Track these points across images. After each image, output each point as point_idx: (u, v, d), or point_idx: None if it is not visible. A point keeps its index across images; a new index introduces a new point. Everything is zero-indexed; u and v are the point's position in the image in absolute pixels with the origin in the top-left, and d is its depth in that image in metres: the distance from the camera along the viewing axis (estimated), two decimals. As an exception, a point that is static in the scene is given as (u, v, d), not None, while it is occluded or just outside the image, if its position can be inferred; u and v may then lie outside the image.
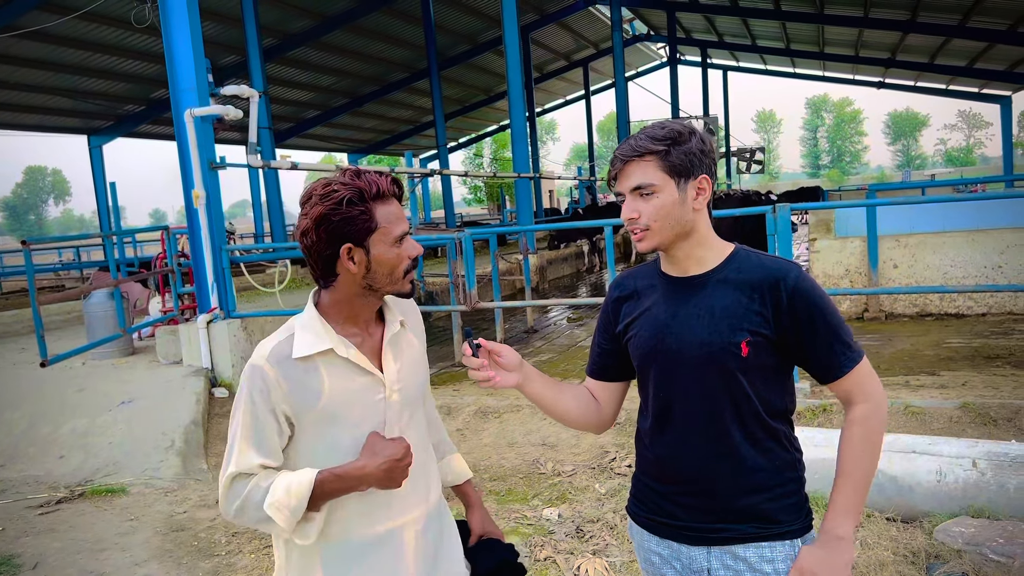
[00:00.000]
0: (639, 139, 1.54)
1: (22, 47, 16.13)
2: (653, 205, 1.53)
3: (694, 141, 1.54)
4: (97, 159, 22.78)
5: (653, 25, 30.02)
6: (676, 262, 1.62)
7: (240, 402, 1.53)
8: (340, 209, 1.47)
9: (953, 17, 18.38)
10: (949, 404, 4.86)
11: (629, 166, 1.55)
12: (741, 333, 1.51)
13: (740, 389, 1.53)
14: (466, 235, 7.41)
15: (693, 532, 1.59)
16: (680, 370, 1.56)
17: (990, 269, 8.00)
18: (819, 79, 33.57)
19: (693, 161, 1.53)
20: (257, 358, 1.52)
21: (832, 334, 1.52)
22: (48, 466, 5.81)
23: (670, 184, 1.53)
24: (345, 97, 26.73)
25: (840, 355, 1.52)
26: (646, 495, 1.69)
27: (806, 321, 1.51)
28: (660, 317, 1.60)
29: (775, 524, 1.55)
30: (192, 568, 4.07)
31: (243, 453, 1.51)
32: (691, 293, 1.58)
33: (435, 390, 6.81)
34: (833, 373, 1.53)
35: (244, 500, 1.49)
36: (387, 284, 1.55)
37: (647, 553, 1.70)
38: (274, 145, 16.67)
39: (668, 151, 1.51)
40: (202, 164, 7.09)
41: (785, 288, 1.51)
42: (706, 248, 1.59)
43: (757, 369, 1.52)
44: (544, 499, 4.46)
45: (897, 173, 64.42)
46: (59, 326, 11.20)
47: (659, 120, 1.63)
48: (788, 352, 1.54)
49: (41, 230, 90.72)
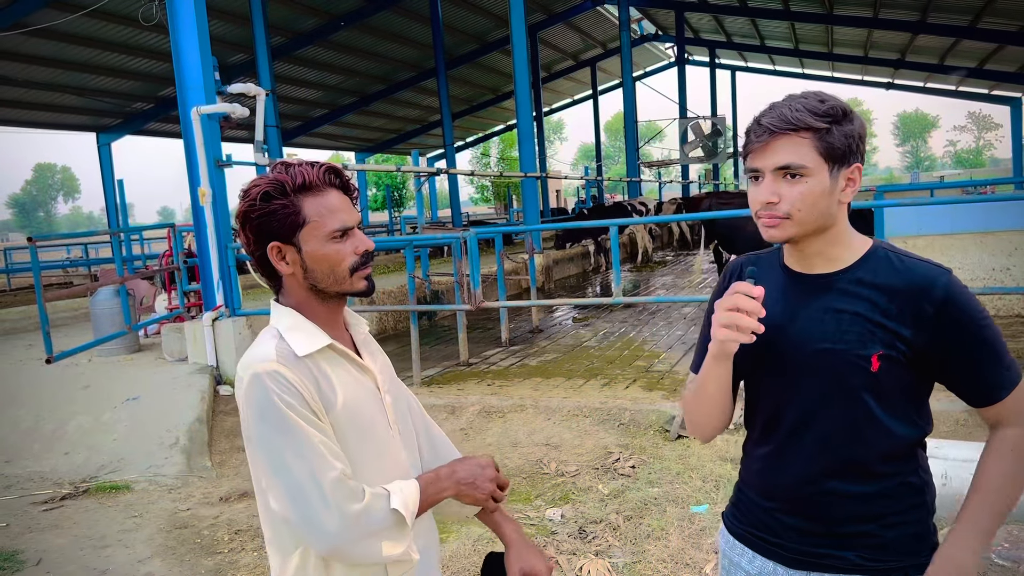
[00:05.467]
0: (795, 109, 1.30)
1: (31, 45, 16.18)
2: (799, 191, 1.30)
3: (857, 123, 1.32)
4: (106, 157, 22.85)
5: (661, 25, 29.95)
6: (805, 257, 1.41)
7: (270, 416, 1.30)
8: (257, 205, 1.36)
9: (963, 18, 18.29)
10: (956, 407, 4.83)
11: (778, 140, 1.30)
12: (873, 345, 1.31)
13: (864, 407, 1.34)
14: (471, 234, 7.40)
15: (791, 554, 1.43)
16: (794, 378, 1.38)
17: (998, 271, 7.95)
18: (828, 80, 33.41)
19: (852, 146, 1.31)
20: (262, 364, 1.33)
21: (988, 351, 1.31)
22: (53, 462, 5.83)
23: (823, 169, 1.30)
24: (353, 96, 26.75)
25: (998, 376, 1.32)
26: (747, 506, 1.53)
27: (956, 337, 1.30)
28: (776, 317, 1.38)
29: (888, 556, 1.37)
30: (195, 565, 4.08)
31: (322, 460, 1.30)
32: (816, 294, 1.39)
33: (439, 389, 6.81)
34: (989, 396, 1.33)
35: (366, 508, 1.32)
36: (332, 284, 1.41)
37: (735, 568, 1.55)
38: (281, 143, 16.70)
39: (830, 129, 1.29)
40: (208, 162, 7.10)
41: (932, 297, 1.30)
42: (842, 245, 1.39)
43: (889, 387, 1.33)
44: (547, 499, 4.45)
45: (906, 174, 64.09)
46: (66, 323, 11.26)
47: (814, 90, 1.36)
48: (930, 370, 1.35)
49: (50, 227, 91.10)
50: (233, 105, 6.99)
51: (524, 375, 7.18)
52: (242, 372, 1.36)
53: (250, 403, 1.33)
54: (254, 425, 1.33)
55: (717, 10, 24.30)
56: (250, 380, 1.33)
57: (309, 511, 1.29)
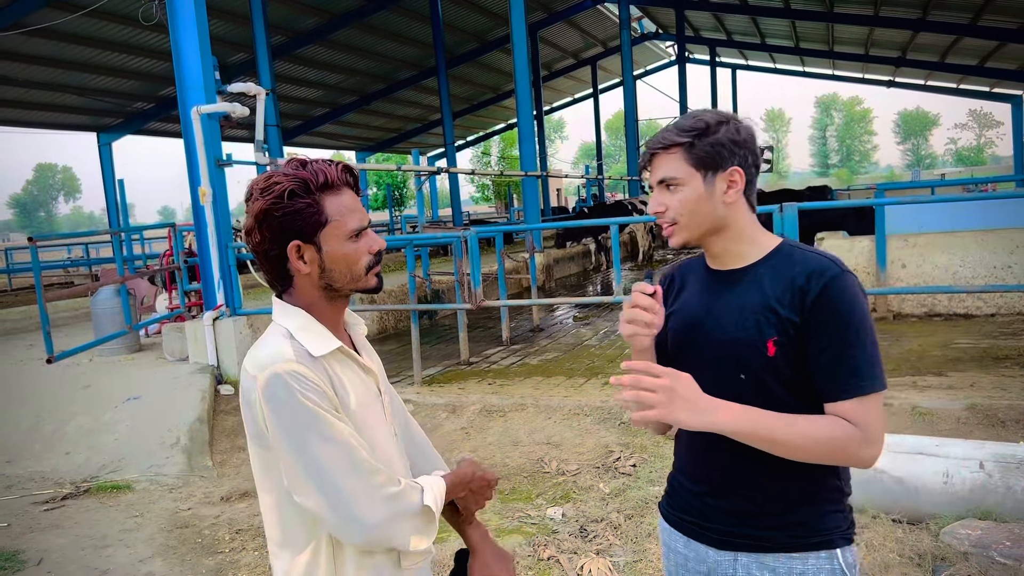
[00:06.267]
0: (667, 130, 1.49)
1: (31, 45, 16.18)
2: (678, 198, 1.48)
3: (724, 131, 1.45)
4: (106, 156, 22.86)
5: (662, 23, 29.94)
6: (714, 256, 1.56)
7: (299, 414, 1.29)
8: (282, 203, 1.34)
9: (964, 16, 18.27)
10: (956, 405, 4.83)
11: (657, 158, 1.50)
12: (769, 332, 1.41)
13: (769, 391, 1.43)
14: (471, 234, 7.39)
15: (720, 536, 1.52)
16: (709, 366, 1.48)
17: (1000, 269, 7.93)
18: (828, 78, 33.41)
19: (722, 153, 1.45)
20: (282, 364, 1.31)
21: (847, 352, 1.37)
22: (54, 462, 5.83)
23: (696, 177, 1.46)
24: (353, 95, 26.75)
25: (847, 379, 1.36)
26: (677, 493, 1.63)
27: (822, 327, 1.38)
28: (695, 311, 1.55)
29: (811, 533, 1.45)
30: (195, 565, 4.08)
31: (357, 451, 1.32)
32: (727, 288, 1.52)
33: (440, 388, 6.81)
34: (833, 394, 1.38)
35: (403, 492, 1.34)
36: (348, 282, 1.41)
37: (673, 554, 1.64)
38: (282, 142, 16.70)
39: (692, 143, 1.45)
40: (209, 161, 7.10)
41: (814, 285, 1.39)
42: (745, 243, 1.51)
43: (788, 370, 1.41)
44: (548, 498, 4.45)
45: (907, 172, 64.02)
46: (68, 322, 11.27)
47: (693, 110, 1.53)
48: (806, 357, 1.42)
49: (51, 227, 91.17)
50: (233, 104, 6.99)
51: (525, 374, 7.18)
52: (255, 371, 1.33)
53: (272, 403, 1.30)
54: (278, 424, 1.30)
55: (717, 8, 24.29)
56: (269, 379, 1.30)
57: (349, 503, 1.29)
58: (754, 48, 29.35)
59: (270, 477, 1.39)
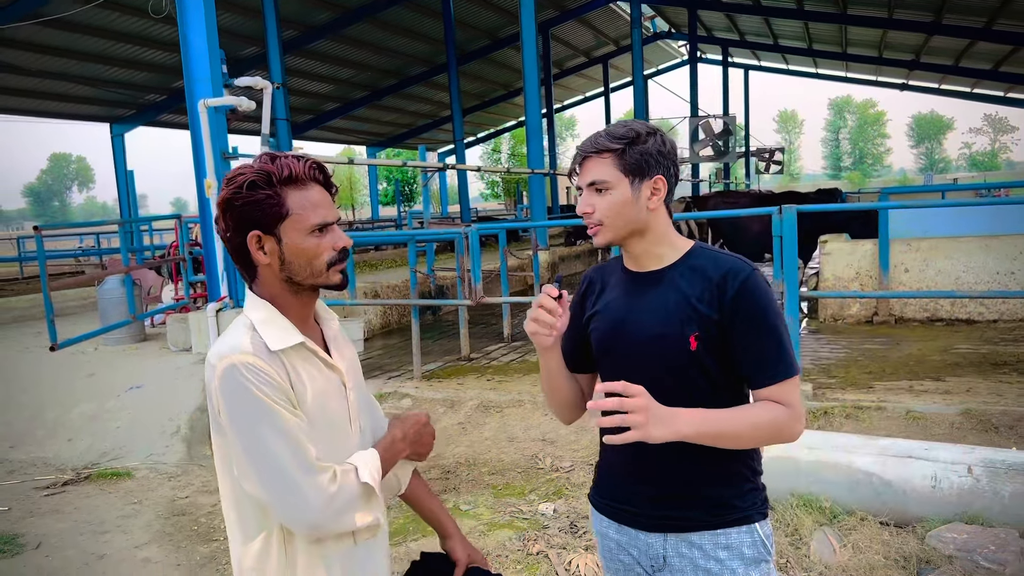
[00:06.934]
0: (600, 136, 1.58)
1: (45, 35, 16.32)
2: (607, 201, 1.57)
3: (652, 142, 1.56)
4: (119, 147, 23.03)
5: (674, 23, 29.87)
6: (634, 258, 1.65)
7: (248, 404, 1.33)
8: (242, 193, 1.37)
9: (979, 19, 18.15)
10: (950, 410, 4.83)
11: (588, 161, 1.59)
12: (691, 328, 1.53)
13: (692, 382, 1.55)
14: (473, 230, 7.42)
15: (648, 519, 1.62)
16: (633, 363, 1.58)
17: (1003, 275, 7.90)
18: (841, 80, 33.27)
19: (649, 161, 1.55)
20: (238, 356, 1.34)
21: (770, 341, 1.51)
22: (56, 449, 5.91)
23: (624, 182, 1.56)
24: (364, 90, 26.82)
25: (774, 365, 1.51)
26: (605, 482, 1.73)
27: (745, 322, 1.51)
28: (618, 311, 1.64)
29: (731, 510, 1.58)
30: (190, 552, 4.14)
31: (301, 444, 1.35)
32: (647, 288, 1.62)
33: (439, 383, 6.85)
34: (762, 380, 1.52)
35: (340, 486, 1.37)
36: (308, 277, 1.43)
37: (606, 540, 1.73)
38: (291, 137, 16.77)
39: (624, 150, 1.55)
40: (215, 154, 7.15)
41: (731, 286, 1.52)
42: (664, 246, 1.62)
43: (709, 363, 1.54)
44: (540, 494, 4.48)
45: (920, 176, 63.66)
46: (75, 311, 11.37)
47: (624, 120, 1.66)
48: (731, 349, 1.55)
49: (65, 216, 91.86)
50: (239, 98, 7.04)
51: (524, 371, 7.21)
52: (214, 361, 1.37)
53: (226, 392, 1.34)
54: (230, 413, 1.34)
55: (730, 8, 24.20)
56: (225, 370, 1.34)
57: (292, 493, 1.32)
58: (767, 49, 29.23)
59: (227, 465, 1.42)
